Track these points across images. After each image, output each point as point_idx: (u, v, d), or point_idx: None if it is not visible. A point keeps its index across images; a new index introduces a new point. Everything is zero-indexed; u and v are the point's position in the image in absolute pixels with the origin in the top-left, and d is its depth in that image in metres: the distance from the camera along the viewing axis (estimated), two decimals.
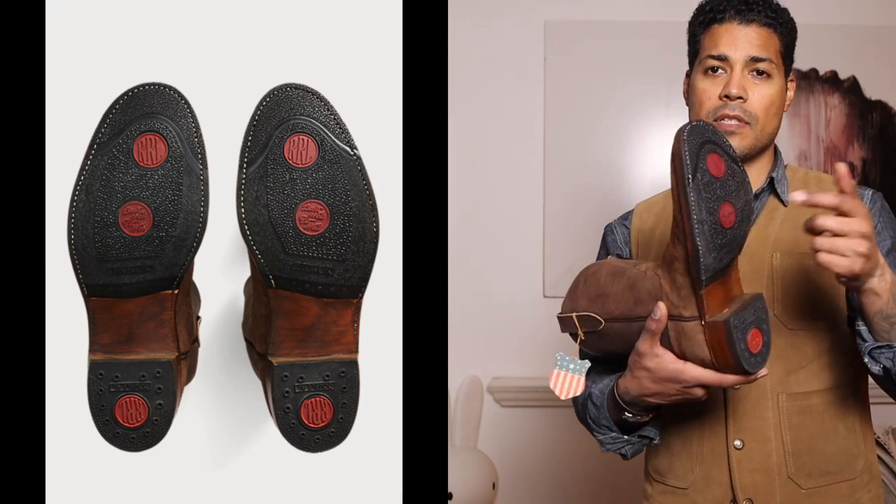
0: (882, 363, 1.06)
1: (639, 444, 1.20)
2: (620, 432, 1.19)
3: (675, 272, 0.98)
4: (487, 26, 2.54)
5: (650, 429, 1.19)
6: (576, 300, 1.11)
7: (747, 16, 1.17)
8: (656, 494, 1.26)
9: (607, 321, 1.07)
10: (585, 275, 1.12)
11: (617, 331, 1.06)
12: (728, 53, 1.16)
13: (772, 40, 1.17)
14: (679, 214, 0.95)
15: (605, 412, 1.17)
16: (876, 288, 1.02)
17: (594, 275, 1.10)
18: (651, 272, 1.03)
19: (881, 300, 1.03)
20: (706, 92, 1.18)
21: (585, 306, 1.09)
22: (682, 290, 0.98)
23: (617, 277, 1.07)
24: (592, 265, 1.13)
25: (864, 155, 2.52)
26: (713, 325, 0.96)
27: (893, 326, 1.04)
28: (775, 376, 1.16)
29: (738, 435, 1.17)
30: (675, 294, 0.99)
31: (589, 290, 1.09)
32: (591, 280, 1.10)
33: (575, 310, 1.10)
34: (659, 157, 2.49)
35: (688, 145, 0.93)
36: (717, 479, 1.19)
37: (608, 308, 1.07)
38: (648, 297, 1.02)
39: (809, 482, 1.16)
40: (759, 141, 1.18)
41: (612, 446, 1.20)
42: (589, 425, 1.23)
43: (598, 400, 1.19)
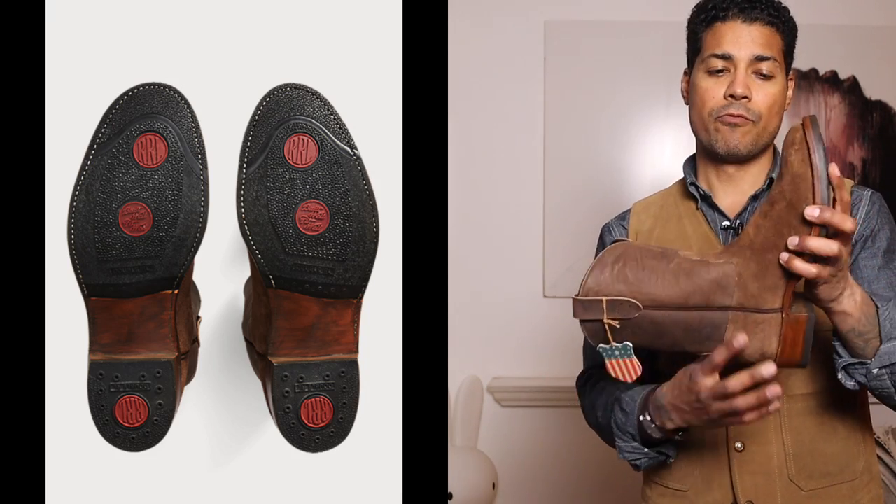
0: (856, 378, 1.07)
1: (655, 459, 1.18)
2: (641, 443, 1.18)
3: (768, 262, 0.96)
4: (487, 26, 2.54)
5: (670, 447, 1.17)
6: (605, 283, 1.01)
7: (751, 14, 1.16)
8: (655, 497, 1.26)
9: (646, 308, 0.99)
10: (613, 255, 1.02)
11: (657, 320, 1.00)
12: (732, 52, 1.16)
13: (775, 39, 1.17)
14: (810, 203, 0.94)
15: (633, 419, 1.15)
16: (846, 308, 1.02)
17: (627, 256, 1.02)
18: (716, 260, 0.99)
19: (853, 318, 1.03)
20: (709, 91, 1.18)
21: (619, 290, 1.00)
22: (769, 279, 0.96)
23: (661, 261, 1.01)
24: (617, 246, 1.04)
25: (864, 155, 2.52)
26: (796, 319, 0.96)
27: (868, 343, 1.04)
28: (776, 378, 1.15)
29: (738, 437, 1.17)
30: (758, 284, 0.97)
31: (625, 273, 1.00)
32: (626, 262, 1.01)
33: (604, 293, 1.01)
34: (659, 157, 2.49)
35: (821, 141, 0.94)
36: (717, 481, 1.18)
37: (653, 294, 0.99)
38: (713, 286, 0.98)
39: (810, 484, 1.15)
40: (761, 139, 1.18)
41: (631, 455, 1.18)
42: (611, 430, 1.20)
43: (629, 406, 1.16)
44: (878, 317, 1.04)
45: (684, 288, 0.99)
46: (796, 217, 0.95)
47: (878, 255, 1.15)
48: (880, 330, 1.04)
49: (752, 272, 0.97)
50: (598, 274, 1.01)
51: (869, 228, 1.16)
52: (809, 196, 0.94)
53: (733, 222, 1.20)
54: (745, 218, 1.20)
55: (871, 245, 1.16)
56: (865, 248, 1.16)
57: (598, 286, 1.01)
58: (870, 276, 1.14)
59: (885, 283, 1.14)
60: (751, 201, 1.20)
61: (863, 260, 1.15)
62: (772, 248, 0.96)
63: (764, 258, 0.97)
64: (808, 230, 0.94)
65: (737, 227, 1.19)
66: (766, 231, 0.97)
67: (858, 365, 1.06)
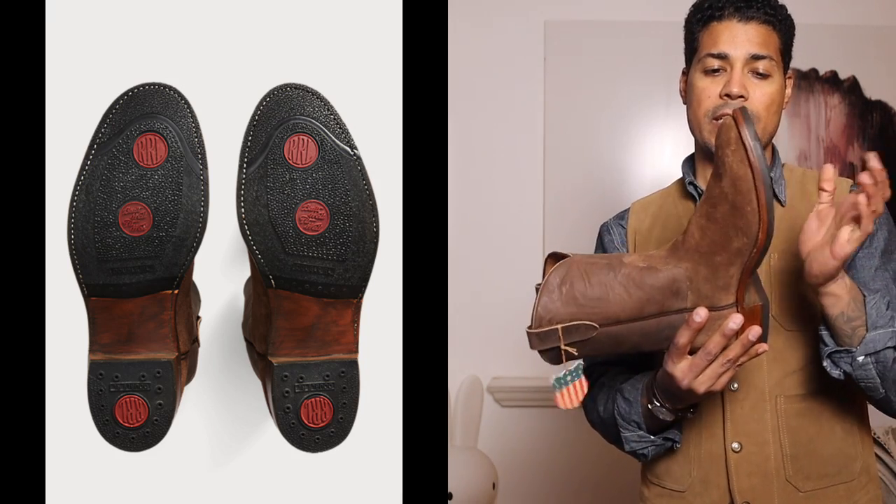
0: (842, 367, 1.07)
1: (662, 446, 1.19)
2: (647, 431, 1.18)
3: (717, 264, 0.97)
4: (487, 26, 2.54)
5: (675, 431, 1.18)
6: (555, 310, 0.98)
7: (746, 13, 1.16)
8: (653, 497, 1.26)
9: (603, 326, 0.98)
10: (559, 276, 1.00)
11: (613, 334, 0.99)
12: (728, 51, 1.16)
13: (771, 38, 1.17)
14: (751, 207, 0.94)
15: (638, 407, 1.16)
16: (836, 290, 1.03)
17: (572, 274, 0.99)
18: (663, 265, 0.99)
19: (842, 302, 1.04)
20: (706, 90, 1.18)
21: (572, 314, 0.98)
22: (720, 279, 0.97)
23: (605, 273, 0.99)
24: (559, 265, 1.00)
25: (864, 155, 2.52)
26: (752, 310, 0.97)
27: (855, 331, 1.05)
28: (773, 378, 1.16)
29: (735, 437, 1.17)
30: (711, 285, 0.98)
31: (573, 294, 0.98)
32: (572, 281, 0.99)
33: (556, 320, 0.98)
34: (658, 157, 2.49)
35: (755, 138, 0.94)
36: (714, 481, 1.18)
37: (607, 312, 0.98)
38: (666, 292, 0.98)
39: (807, 485, 1.15)
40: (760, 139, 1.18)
41: (637, 445, 1.19)
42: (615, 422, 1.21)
43: (631, 395, 1.17)
44: (865, 305, 1.05)
45: (637, 299, 0.98)
46: (741, 219, 0.95)
47: (875, 255, 1.15)
48: (867, 318, 1.04)
49: (702, 276, 0.98)
50: (547, 301, 0.99)
51: None
52: (752, 197, 0.94)
53: None
54: None
55: (869, 245, 1.16)
56: (863, 248, 1.16)
57: (550, 314, 0.99)
58: (865, 276, 1.14)
59: (881, 284, 1.14)
60: None
61: (860, 260, 1.15)
62: (720, 250, 0.97)
63: (713, 261, 0.97)
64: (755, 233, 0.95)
65: None
66: (713, 234, 0.97)
67: (844, 353, 1.06)
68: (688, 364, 1.01)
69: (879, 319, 1.05)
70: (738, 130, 0.94)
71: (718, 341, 0.98)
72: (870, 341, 1.04)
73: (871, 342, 1.04)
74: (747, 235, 0.95)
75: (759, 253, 0.95)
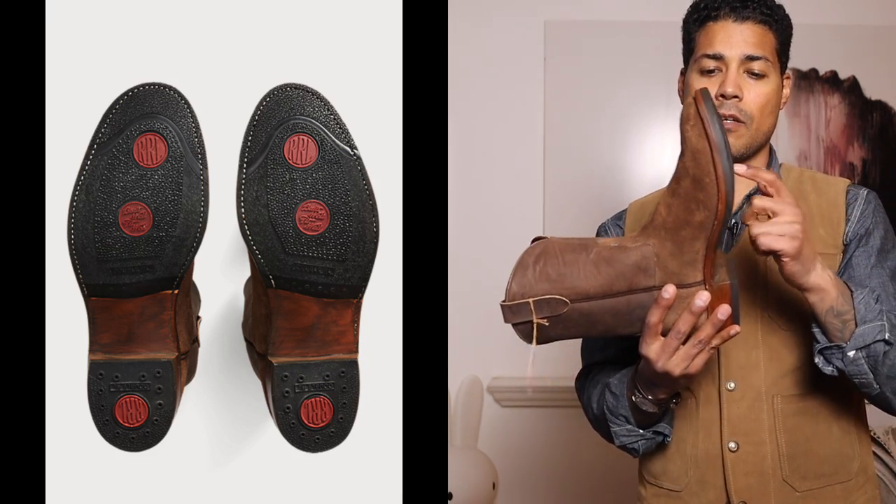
0: (833, 363, 1.07)
1: (652, 440, 1.19)
2: (636, 425, 1.18)
3: (682, 239, 0.98)
4: (487, 26, 2.54)
5: (665, 425, 1.18)
6: (528, 285, 1.01)
7: (742, 13, 1.16)
8: (650, 497, 1.26)
9: (574, 302, 1.00)
10: (533, 255, 1.03)
11: (585, 311, 1.01)
12: (723, 52, 1.16)
13: (767, 38, 1.17)
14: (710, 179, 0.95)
15: (624, 401, 1.16)
16: (820, 283, 1.04)
17: (547, 253, 1.02)
18: (634, 244, 1.01)
19: (830, 295, 1.04)
20: None
21: (545, 289, 1.01)
22: (686, 255, 0.98)
23: (580, 253, 1.02)
24: (536, 245, 1.04)
25: (864, 155, 2.52)
26: (720, 288, 0.98)
27: (846, 325, 1.05)
28: (770, 378, 1.16)
29: (732, 437, 1.17)
30: (677, 261, 0.99)
31: (547, 271, 1.01)
32: (547, 259, 1.02)
33: (529, 295, 1.01)
34: (659, 157, 2.49)
35: (714, 112, 0.95)
36: (711, 481, 1.18)
37: (577, 287, 1.00)
38: (635, 269, 1.00)
39: (804, 485, 1.15)
40: (755, 140, 1.18)
41: (627, 439, 1.19)
42: (605, 418, 1.21)
43: (617, 389, 1.18)
44: (853, 300, 1.05)
45: (607, 276, 1.00)
46: (702, 191, 0.96)
47: (871, 254, 1.15)
48: (855, 313, 1.05)
49: (668, 251, 0.99)
50: (521, 277, 1.02)
51: (864, 227, 1.17)
52: (710, 169, 0.95)
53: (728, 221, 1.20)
54: (739, 217, 1.20)
55: (865, 244, 1.16)
56: (860, 246, 1.16)
57: (523, 289, 1.02)
58: (861, 274, 1.15)
59: (877, 283, 1.15)
60: (745, 200, 1.20)
61: (856, 258, 1.16)
62: (683, 224, 0.98)
63: (678, 236, 0.98)
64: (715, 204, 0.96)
65: (732, 227, 1.19)
66: (677, 209, 0.98)
67: (835, 349, 1.06)
68: (660, 345, 1.01)
69: (868, 313, 1.05)
70: (697, 107, 0.96)
71: (687, 319, 0.99)
72: (860, 335, 1.05)
73: (861, 336, 1.05)
74: (708, 208, 0.96)
75: (721, 225, 0.96)
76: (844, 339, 1.05)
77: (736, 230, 1.19)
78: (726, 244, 1.19)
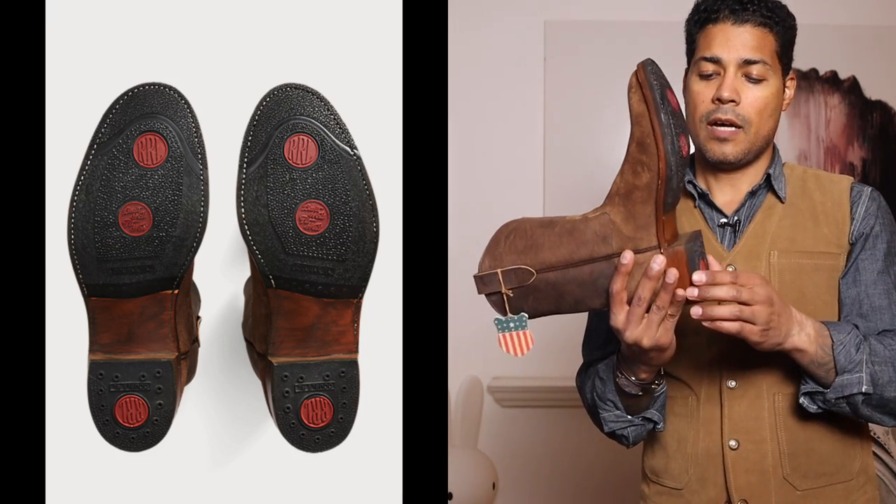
0: (818, 405, 1.12)
1: (641, 427, 1.19)
2: (625, 411, 1.18)
3: (633, 203, 1.00)
4: (487, 26, 2.54)
5: (654, 412, 1.18)
6: (498, 257, 1.07)
7: (741, 16, 1.15)
8: (653, 495, 1.26)
9: (539, 272, 1.04)
10: (506, 231, 1.08)
11: (551, 281, 1.04)
12: (721, 55, 1.15)
13: (767, 40, 1.16)
14: (650, 139, 0.98)
15: (611, 385, 1.17)
16: (798, 345, 1.07)
17: (518, 230, 1.07)
18: (594, 214, 1.04)
19: (809, 353, 1.08)
20: (700, 94, 1.17)
21: (512, 261, 1.05)
22: (639, 219, 1.00)
23: (547, 228, 1.06)
24: (509, 223, 1.09)
25: (864, 155, 2.52)
26: (675, 252, 0.99)
27: (829, 373, 1.09)
28: (771, 376, 1.16)
29: (733, 435, 1.17)
30: (631, 226, 1.01)
31: (515, 244, 1.06)
32: (517, 235, 1.07)
33: (498, 266, 1.06)
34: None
35: (654, 76, 0.99)
36: (712, 479, 1.18)
37: (542, 258, 1.04)
38: (594, 238, 1.02)
39: (805, 483, 1.15)
40: (755, 145, 1.17)
41: (615, 425, 1.19)
42: (595, 404, 1.21)
43: (605, 373, 1.18)
44: (833, 351, 1.08)
45: (568, 246, 1.03)
46: (645, 153, 0.99)
47: (878, 258, 1.15)
48: (835, 363, 1.08)
49: (622, 217, 1.01)
50: (493, 249, 1.08)
51: (868, 227, 1.16)
52: (650, 130, 0.98)
53: (730, 219, 1.20)
54: (741, 214, 1.20)
55: (872, 247, 1.16)
56: (865, 248, 1.16)
57: (493, 261, 1.07)
58: (867, 279, 1.15)
59: (882, 289, 1.15)
60: (748, 197, 1.20)
61: (862, 262, 1.16)
62: (633, 189, 1.01)
63: (630, 200, 1.01)
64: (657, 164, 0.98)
65: (734, 224, 1.19)
66: (627, 174, 1.01)
67: (818, 394, 1.11)
68: (626, 314, 1.02)
69: (848, 364, 1.08)
70: (637, 75, 1.00)
71: (646, 285, 0.99)
72: (839, 386, 1.09)
73: (840, 387, 1.09)
74: (651, 169, 0.99)
75: (665, 185, 0.98)
76: (829, 381, 1.09)
77: (738, 228, 1.19)
78: (728, 242, 1.19)
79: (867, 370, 1.08)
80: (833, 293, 1.17)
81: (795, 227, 1.17)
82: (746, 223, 1.19)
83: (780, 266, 1.16)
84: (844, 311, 1.16)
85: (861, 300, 1.15)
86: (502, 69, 2.53)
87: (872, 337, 1.12)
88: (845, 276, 1.16)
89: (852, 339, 1.09)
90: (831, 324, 1.11)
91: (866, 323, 1.14)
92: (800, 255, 1.16)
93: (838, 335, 1.09)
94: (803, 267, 1.16)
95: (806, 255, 1.16)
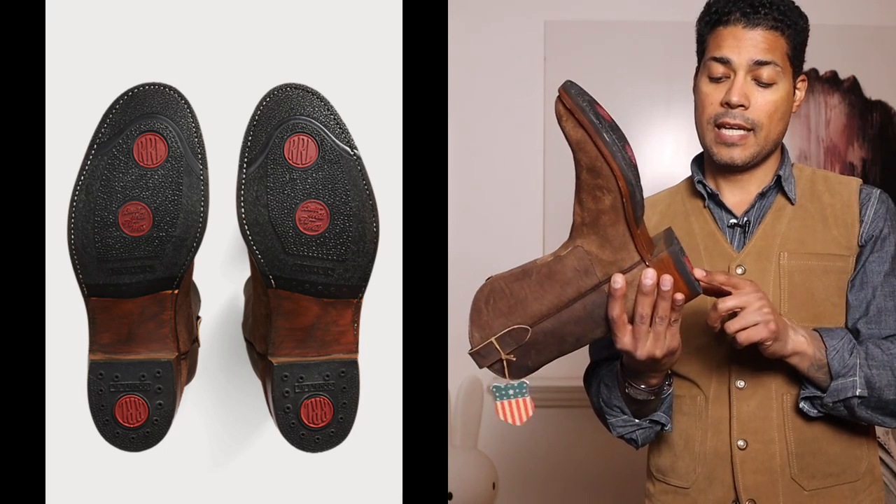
0: (817, 409, 1.13)
1: (649, 429, 1.19)
2: (632, 415, 1.18)
3: (603, 227, 0.99)
4: (487, 26, 2.54)
5: (662, 414, 1.18)
6: (486, 326, 1.03)
7: (753, 18, 1.14)
8: (658, 494, 1.26)
9: (534, 325, 1.02)
10: (482, 297, 1.04)
11: (548, 330, 1.02)
12: (731, 57, 1.14)
13: (778, 43, 1.15)
14: (600, 162, 0.96)
15: (617, 391, 1.17)
16: (796, 348, 1.08)
17: (494, 291, 1.04)
18: (565, 251, 1.02)
19: (808, 356, 1.08)
20: (709, 97, 1.17)
21: (502, 324, 1.03)
22: (614, 241, 0.99)
23: (523, 280, 1.03)
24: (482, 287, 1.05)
25: (864, 155, 2.52)
26: (660, 260, 0.98)
27: (826, 376, 1.10)
28: (780, 376, 1.16)
29: (741, 435, 1.17)
30: (608, 250, 0.99)
31: (499, 307, 1.03)
32: (496, 297, 1.04)
33: (490, 335, 1.03)
34: (659, 157, 2.49)
35: (580, 97, 0.96)
36: (719, 479, 1.18)
37: (531, 311, 1.02)
38: (576, 274, 1.01)
39: (812, 483, 1.15)
40: (765, 148, 1.17)
41: (623, 429, 1.19)
42: (602, 409, 1.22)
43: (609, 380, 1.18)
44: (826, 355, 1.09)
45: (553, 290, 1.01)
46: (599, 177, 0.97)
47: (886, 260, 1.15)
48: (829, 368, 1.09)
49: (597, 244, 1.00)
50: (477, 320, 1.04)
51: (877, 229, 1.16)
52: (597, 153, 0.96)
53: (740, 220, 1.19)
54: (751, 215, 1.19)
55: (880, 249, 1.16)
56: (874, 251, 1.16)
57: (483, 331, 1.04)
58: (875, 281, 1.15)
59: (889, 291, 1.15)
60: (758, 199, 1.19)
61: (870, 264, 1.15)
62: (598, 214, 0.99)
63: (599, 226, 0.99)
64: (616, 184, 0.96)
65: (744, 225, 1.19)
66: (587, 203, 0.99)
67: (816, 399, 1.12)
68: (631, 334, 1.01)
69: (842, 368, 1.09)
70: (563, 101, 0.97)
71: (644, 301, 0.99)
72: (834, 390, 1.10)
73: (836, 391, 1.10)
74: (611, 190, 0.97)
75: (630, 200, 0.97)
76: (827, 385, 1.10)
77: (748, 228, 1.19)
78: (738, 243, 1.19)
79: (861, 374, 1.09)
80: (842, 296, 1.17)
81: (805, 228, 1.17)
82: (756, 224, 1.19)
83: (789, 268, 1.16)
84: (851, 314, 1.16)
85: (868, 302, 1.15)
86: (502, 69, 2.53)
87: (869, 342, 1.12)
88: (854, 279, 1.16)
89: (845, 345, 1.10)
90: (823, 330, 1.12)
91: (871, 326, 1.15)
92: (809, 258, 1.16)
93: (831, 341, 1.10)
94: (813, 269, 1.16)
95: (815, 258, 1.16)
